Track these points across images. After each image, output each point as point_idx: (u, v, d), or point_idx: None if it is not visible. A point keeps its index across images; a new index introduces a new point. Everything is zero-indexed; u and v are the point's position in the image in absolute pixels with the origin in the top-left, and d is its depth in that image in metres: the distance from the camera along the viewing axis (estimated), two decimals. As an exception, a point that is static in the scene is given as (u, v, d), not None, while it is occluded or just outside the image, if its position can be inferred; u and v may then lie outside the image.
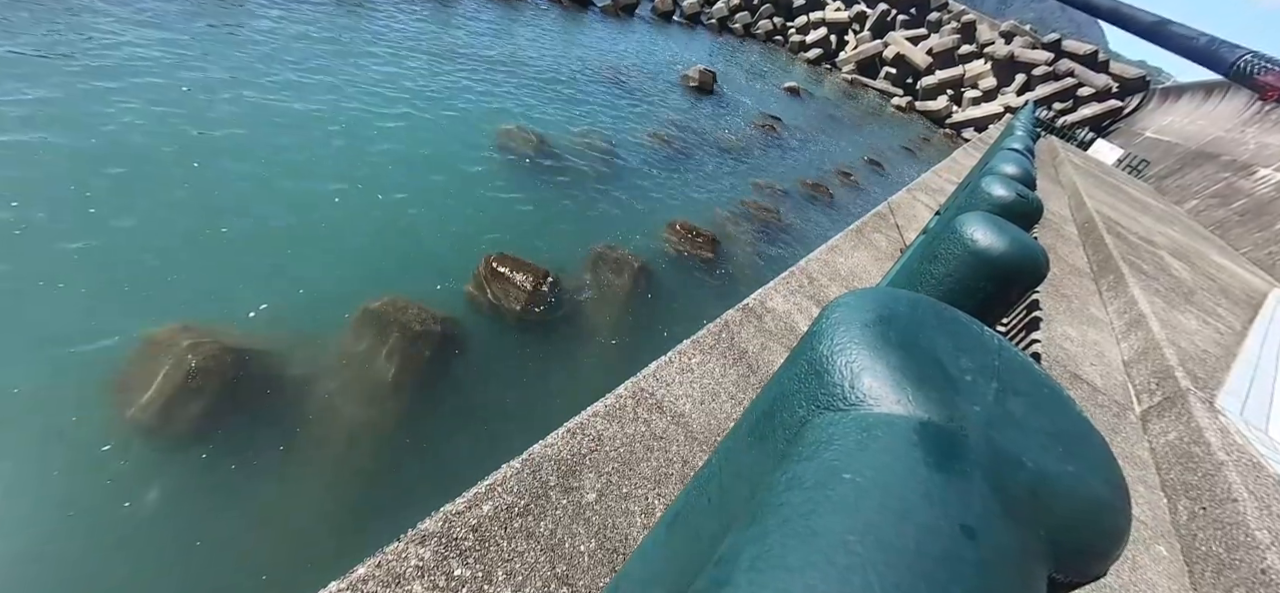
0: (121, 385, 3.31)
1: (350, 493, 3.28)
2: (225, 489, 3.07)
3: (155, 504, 2.89)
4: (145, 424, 3.17)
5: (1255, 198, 15.67)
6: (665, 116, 12.53)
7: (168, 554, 2.75)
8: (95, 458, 2.97)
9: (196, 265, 4.25)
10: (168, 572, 2.71)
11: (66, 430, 3.03)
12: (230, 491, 3.08)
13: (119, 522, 2.78)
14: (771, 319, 2.77)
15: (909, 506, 0.27)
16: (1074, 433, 0.39)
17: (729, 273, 7.23)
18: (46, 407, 3.10)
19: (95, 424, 3.10)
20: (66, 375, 3.26)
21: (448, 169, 6.91)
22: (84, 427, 3.07)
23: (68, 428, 3.04)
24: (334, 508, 3.18)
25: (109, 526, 2.76)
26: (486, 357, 4.48)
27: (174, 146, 5.31)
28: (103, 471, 2.93)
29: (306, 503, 3.16)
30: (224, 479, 3.11)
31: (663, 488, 1.70)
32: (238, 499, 3.06)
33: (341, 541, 3.03)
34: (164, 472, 3.03)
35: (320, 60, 8.27)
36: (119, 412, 3.20)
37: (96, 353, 3.41)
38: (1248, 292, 7.96)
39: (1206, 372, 3.88)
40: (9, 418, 3.00)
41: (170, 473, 3.04)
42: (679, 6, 30.28)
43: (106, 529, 2.75)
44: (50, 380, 3.21)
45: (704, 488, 0.51)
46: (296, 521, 3.07)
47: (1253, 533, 2.39)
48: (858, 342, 0.39)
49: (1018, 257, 1.13)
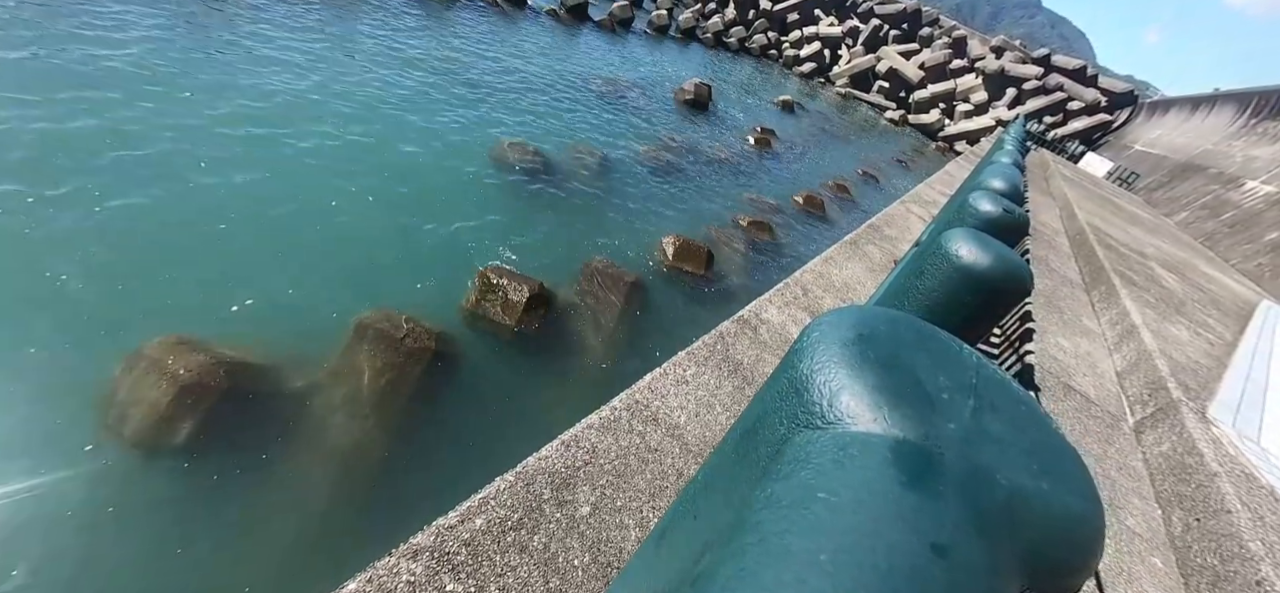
0: (111, 400, 3.28)
1: (341, 507, 3.25)
2: (215, 504, 3.04)
3: (145, 519, 2.86)
4: (134, 439, 3.14)
5: (1244, 210, 15.87)
6: (660, 130, 12.62)
7: (158, 569, 2.72)
8: (84, 474, 2.93)
9: (187, 279, 4.24)
10: (158, 584, 2.67)
11: (55, 445, 3.00)
12: (221, 505, 3.04)
13: (108, 537, 2.75)
14: (766, 331, 2.78)
15: (881, 524, 0.28)
16: (1050, 449, 0.39)
17: (724, 285, 7.25)
18: (36, 421, 3.07)
19: (84, 440, 3.07)
20: (56, 390, 3.23)
21: (442, 182, 6.93)
22: (72, 442, 3.04)
23: (56, 443, 3.01)
24: (325, 522, 3.15)
25: (98, 541, 2.73)
26: (480, 369, 4.47)
27: (164, 160, 5.31)
28: (91, 486, 2.90)
29: (297, 517, 3.13)
30: (214, 494, 3.08)
31: (657, 501, 1.69)
32: (228, 514, 3.02)
33: (332, 555, 3.00)
34: (154, 487, 3.00)
35: (312, 73, 8.30)
36: (108, 427, 3.17)
37: (86, 367, 3.39)
38: (1238, 303, 8.03)
39: (1198, 383, 3.91)
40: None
41: (160, 488, 3.01)
42: (674, 21, 30.62)
43: (95, 545, 2.71)
44: (40, 394, 3.18)
45: (690, 504, 0.51)
46: (287, 535, 3.04)
47: (1246, 545, 2.39)
48: (837, 360, 0.40)
49: (1002, 272, 1.15)
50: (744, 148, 14.31)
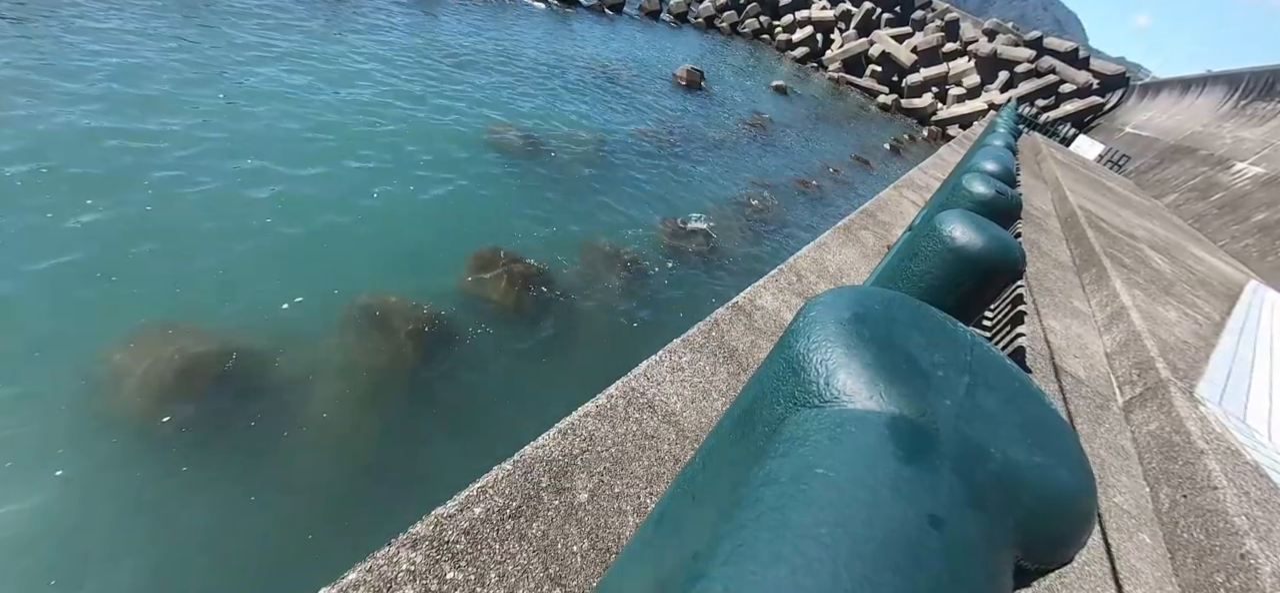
0: (106, 385, 3.26)
1: (339, 496, 3.25)
2: (211, 493, 3.04)
3: (141, 506, 2.85)
4: (129, 425, 3.13)
5: (1232, 191, 16.01)
6: (654, 114, 12.55)
7: (154, 557, 2.71)
8: (79, 460, 2.92)
9: (182, 264, 4.20)
10: (155, 575, 2.67)
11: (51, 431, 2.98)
12: (216, 494, 3.04)
13: (103, 523, 2.74)
14: (761, 317, 2.79)
15: (878, 498, 0.28)
16: (1043, 425, 0.40)
17: (718, 270, 7.26)
18: (32, 406, 3.04)
19: (79, 425, 3.05)
20: (51, 376, 3.20)
21: (436, 166, 6.87)
22: (68, 427, 3.02)
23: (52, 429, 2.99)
24: (323, 511, 3.16)
25: (93, 528, 2.72)
26: (476, 355, 4.46)
27: (159, 146, 5.24)
28: (86, 472, 2.89)
29: (294, 506, 3.13)
30: (210, 482, 3.07)
31: (655, 487, 1.71)
32: (224, 503, 3.02)
33: (331, 544, 3.01)
34: (150, 474, 2.99)
35: (307, 59, 8.18)
36: (103, 412, 3.15)
37: (82, 352, 3.36)
38: (1225, 283, 8.13)
39: (1186, 362, 3.96)
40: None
41: (156, 475, 3.00)
42: (665, 4, 30.33)
43: (90, 531, 2.71)
44: (35, 380, 3.15)
45: (688, 486, 0.51)
46: (284, 524, 3.05)
47: (1232, 520, 2.45)
48: (833, 339, 0.40)
49: (995, 252, 1.16)
50: (738, 132, 14.26)
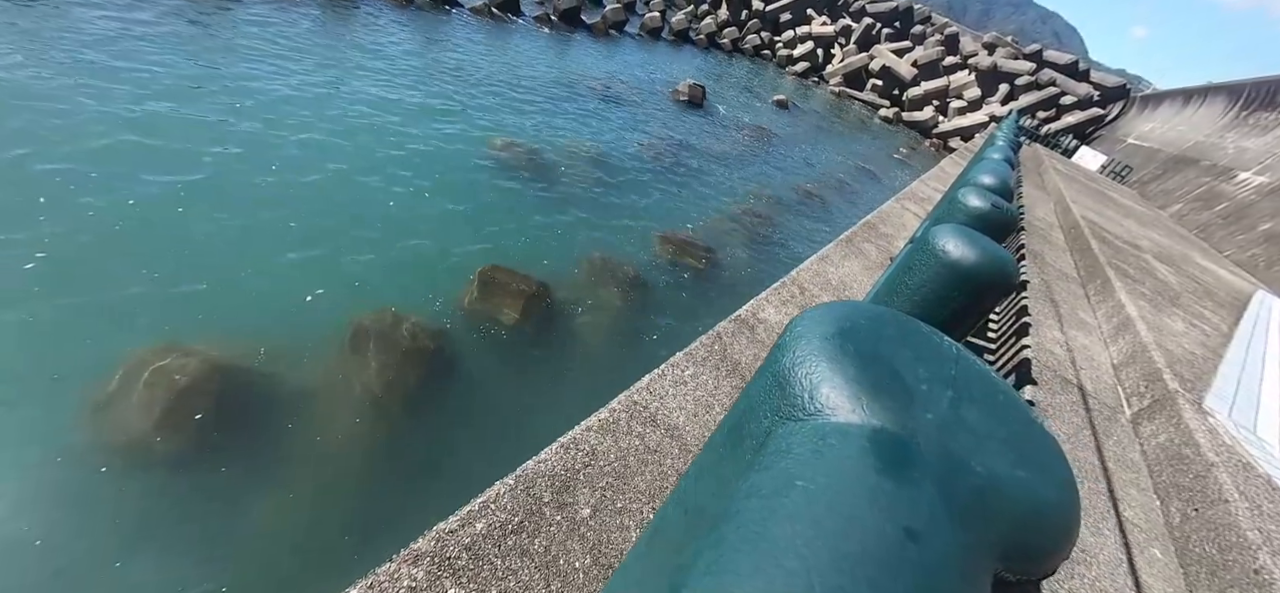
0: (109, 405, 3.28)
1: (341, 512, 3.25)
2: (213, 511, 3.04)
3: (143, 526, 2.85)
4: (132, 444, 3.14)
5: (1237, 201, 15.94)
6: (657, 130, 12.66)
7: (156, 576, 2.71)
8: (81, 480, 2.93)
9: (185, 283, 4.24)
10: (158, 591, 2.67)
11: (53, 451, 2.99)
12: (218, 512, 3.04)
13: (105, 542, 2.74)
14: (764, 330, 2.79)
15: (856, 510, 0.29)
16: (1027, 439, 0.41)
17: (721, 284, 7.27)
18: (35, 426, 3.06)
19: (81, 445, 3.06)
20: (54, 396, 3.22)
21: (440, 183, 6.94)
22: (70, 447, 3.03)
23: (54, 449, 3.00)
24: (325, 528, 3.15)
25: (95, 546, 2.72)
26: (479, 371, 4.47)
27: (161, 164, 5.31)
28: (88, 492, 2.89)
29: (296, 523, 3.12)
30: (212, 501, 3.07)
31: (657, 501, 1.70)
32: (226, 521, 3.02)
33: (332, 561, 3.00)
34: (152, 492, 2.99)
35: (312, 76, 8.32)
36: (106, 432, 3.16)
37: (84, 373, 3.38)
38: (1232, 294, 8.07)
39: (1194, 374, 3.92)
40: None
41: (158, 493, 3.00)
42: (667, 23, 30.69)
43: (92, 549, 2.71)
44: (38, 400, 3.18)
45: (681, 501, 0.52)
46: (286, 541, 3.04)
47: (1244, 534, 2.41)
48: (818, 354, 0.41)
49: (988, 267, 1.16)
50: (741, 146, 14.35)
